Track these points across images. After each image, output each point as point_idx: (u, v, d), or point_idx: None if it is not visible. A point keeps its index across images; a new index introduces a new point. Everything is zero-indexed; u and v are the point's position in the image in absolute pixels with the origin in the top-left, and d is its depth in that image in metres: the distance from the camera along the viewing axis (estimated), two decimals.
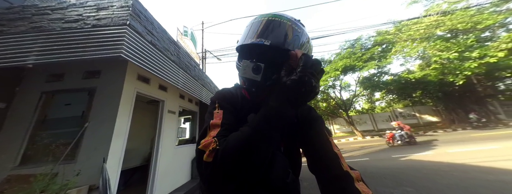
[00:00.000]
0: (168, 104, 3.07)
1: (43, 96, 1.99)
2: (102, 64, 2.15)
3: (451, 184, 2.53)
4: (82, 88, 2.05)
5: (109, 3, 1.98)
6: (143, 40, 1.99)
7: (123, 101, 2.03)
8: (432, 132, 10.07)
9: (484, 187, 2.38)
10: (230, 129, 0.45)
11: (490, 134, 7.02)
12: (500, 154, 3.97)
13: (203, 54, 8.81)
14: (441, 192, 2.31)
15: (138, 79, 2.41)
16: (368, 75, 13.79)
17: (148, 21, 2.28)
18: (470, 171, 3.07)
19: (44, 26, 1.80)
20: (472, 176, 2.81)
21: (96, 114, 1.89)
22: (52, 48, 1.66)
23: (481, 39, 10.13)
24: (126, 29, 1.76)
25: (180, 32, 7.43)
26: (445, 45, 10.08)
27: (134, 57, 1.81)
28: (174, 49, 2.88)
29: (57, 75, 2.13)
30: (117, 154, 1.84)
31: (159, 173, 2.50)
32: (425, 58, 12.22)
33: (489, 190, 2.27)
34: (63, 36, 1.72)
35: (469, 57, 9.01)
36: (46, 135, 1.74)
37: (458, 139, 6.57)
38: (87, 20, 1.85)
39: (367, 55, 12.47)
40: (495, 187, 2.34)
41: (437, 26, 10.21)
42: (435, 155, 4.64)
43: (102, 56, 1.64)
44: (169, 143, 3.00)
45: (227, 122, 0.47)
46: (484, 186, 2.39)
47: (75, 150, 1.68)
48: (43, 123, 1.87)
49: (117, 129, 1.86)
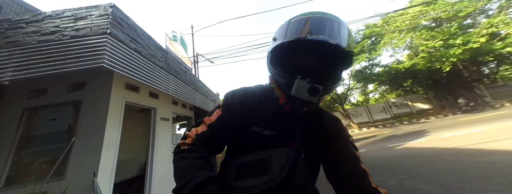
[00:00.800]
0: (161, 111, 3.02)
1: (26, 113, 1.91)
2: (87, 76, 2.09)
3: (443, 169, 2.62)
4: (67, 101, 1.98)
5: (88, 13, 1.92)
6: (126, 48, 1.94)
7: (111, 111, 1.98)
8: (425, 119, 10.40)
9: (473, 169, 2.48)
10: (212, 134, 0.49)
11: (478, 117, 7.33)
12: (487, 135, 4.15)
13: (194, 58, 8.71)
14: (433, 177, 2.39)
15: (126, 88, 2.36)
16: (360, 68, 14.07)
17: (131, 29, 2.23)
18: (460, 155, 3.19)
19: (19, 41, 1.73)
20: (462, 159, 2.92)
21: (84, 127, 1.84)
22: (29, 63, 1.59)
23: (463, 26, 10.53)
24: (107, 38, 1.71)
25: (169, 38, 7.32)
26: (431, 34, 10.43)
27: (118, 67, 1.77)
28: (161, 55, 2.84)
29: (39, 90, 2.05)
30: (109, 167, 1.79)
31: (156, 182, 2.46)
32: (412, 48, 12.58)
33: (478, 171, 2.37)
34: (40, 49, 1.65)
35: (454, 45, 9.35)
36: (31, 153, 1.67)
37: (449, 124, 6.81)
38: (65, 31, 1.79)
39: (358, 49, 12.70)
40: (484, 168, 2.45)
41: (422, 16, 10.52)
42: (428, 141, 4.80)
43: (83, 67, 1.59)
44: (165, 150, 2.96)
45: (214, 127, 0.50)
46: (473, 168, 2.50)
47: (63, 166, 1.62)
48: (27, 141, 1.80)
49: (107, 140, 1.81)
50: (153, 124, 2.82)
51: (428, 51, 10.65)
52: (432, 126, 7.22)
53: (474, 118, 7.31)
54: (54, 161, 1.60)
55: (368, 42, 13.06)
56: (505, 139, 3.59)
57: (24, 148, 1.74)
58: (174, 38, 7.90)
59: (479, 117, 7.37)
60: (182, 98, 3.13)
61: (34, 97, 2.01)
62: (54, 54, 1.63)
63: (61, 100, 2.00)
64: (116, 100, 2.11)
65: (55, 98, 2.01)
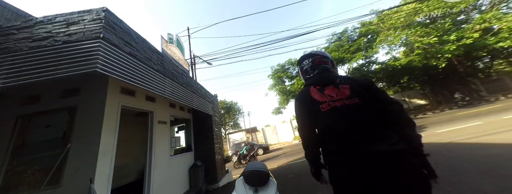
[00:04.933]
0: (158, 114, 3.00)
1: (19, 120, 1.89)
2: (81, 81, 2.07)
3: (439, 163, 2.65)
4: (61, 108, 1.96)
5: (80, 17, 1.90)
6: (120, 52, 1.92)
7: (107, 116, 1.96)
8: (422, 115, 10.51)
9: (469, 162, 2.51)
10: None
11: (474, 111, 7.43)
12: (483, 129, 4.21)
13: (191, 60, 8.68)
14: None
15: (122, 92, 2.34)
16: (357, 66, 14.15)
17: (125, 32, 2.21)
18: (456, 149, 3.23)
19: (10, 47, 1.70)
20: (459, 154, 2.96)
21: (79, 133, 1.82)
22: (21, 70, 1.57)
23: (457, 22, 10.67)
24: (100, 42, 1.69)
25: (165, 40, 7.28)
26: (425, 31, 10.54)
27: (113, 71, 1.75)
28: (157, 58, 2.82)
29: (32, 97, 2.02)
30: (105, 173, 1.77)
31: (154, 187, 2.44)
32: (408, 45, 12.71)
33: (474, 164, 2.41)
34: (32, 55, 1.63)
35: (448, 41, 9.47)
36: (25, 161, 1.65)
37: (445, 119, 6.90)
38: (57, 37, 1.77)
39: (354, 47, 12.77)
40: (480, 161, 2.48)
41: (416, 13, 10.64)
42: (425, 136, 4.84)
43: (76, 73, 1.57)
44: (163, 154, 2.94)
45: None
46: (470, 162, 2.53)
47: (59, 173, 1.60)
48: (21, 149, 1.77)
49: (103, 146, 1.80)
50: (151, 127, 2.80)
51: (424, 48, 10.77)
52: (429, 121, 7.30)
53: (470, 112, 7.41)
54: (49, 169, 1.58)
55: (364, 40, 13.15)
56: (500, 132, 3.65)
57: (18, 156, 1.72)
58: (170, 40, 7.87)
59: (474, 111, 7.47)
60: (179, 100, 3.12)
61: (27, 104, 1.98)
62: (47, 60, 1.61)
63: (55, 106, 1.97)
64: (112, 104, 2.09)
65: (49, 104, 1.99)
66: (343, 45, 12.88)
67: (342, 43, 13.08)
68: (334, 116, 0.77)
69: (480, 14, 9.96)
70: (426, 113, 10.84)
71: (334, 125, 0.77)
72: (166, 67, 2.98)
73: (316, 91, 0.86)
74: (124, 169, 3.27)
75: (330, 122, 0.78)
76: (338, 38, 13.67)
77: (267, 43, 8.19)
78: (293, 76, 14.58)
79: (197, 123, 4.57)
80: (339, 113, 0.77)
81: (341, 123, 0.75)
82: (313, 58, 0.97)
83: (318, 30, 7.50)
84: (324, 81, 0.88)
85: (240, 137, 16.82)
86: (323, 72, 0.93)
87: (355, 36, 13.37)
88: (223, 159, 5.09)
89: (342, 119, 0.76)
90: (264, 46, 8.92)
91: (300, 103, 0.91)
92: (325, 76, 0.91)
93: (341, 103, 0.78)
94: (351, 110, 0.76)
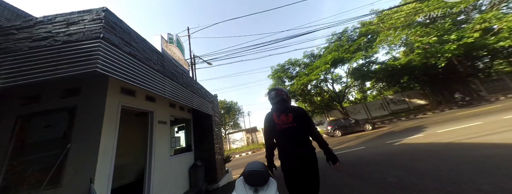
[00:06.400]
0: (158, 114, 3.00)
1: (19, 120, 1.89)
2: (81, 81, 2.07)
3: (439, 164, 2.66)
4: (61, 108, 1.96)
5: (80, 17, 1.90)
6: (120, 52, 1.92)
7: (107, 116, 1.96)
8: (422, 115, 10.51)
9: (469, 162, 2.51)
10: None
11: (474, 111, 7.43)
12: (482, 129, 4.21)
13: (192, 60, 8.68)
14: (430, 172, 2.42)
15: (122, 92, 2.34)
16: (357, 66, 14.15)
17: (125, 32, 2.21)
18: (456, 149, 3.24)
19: (10, 47, 1.70)
20: (458, 154, 2.96)
21: (79, 133, 1.82)
22: (21, 70, 1.57)
23: (457, 22, 10.67)
24: (100, 42, 1.69)
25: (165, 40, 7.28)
26: (425, 30, 10.54)
27: (113, 71, 1.75)
28: (157, 58, 2.82)
29: (32, 97, 2.02)
30: (105, 173, 1.77)
31: (154, 187, 2.44)
32: (408, 44, 12.71)
33: (474, 164, 2.41)
34: (32, 55, 1.63)
35: (448, 40, 9.47)
36: (25, 161, 1.65)
37: (445, 119, 6.90)
38: (57, 37, 1.77)
39: (354, 47, 12.76)
40: (479, 161, 2.48)
41: (416, 13, 10.63)
42: (426, 136, 4.85)
43: (76, 73, 1.57)
44: (163, 154, 2.94)
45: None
46: (469, 162, 2.53)
47: (59, 173, 1.60)
48: (21, 149, 1.77)
49: (103, 146, 1.80)
50: (151, 127, 2.80)
51: (423, 48, 10.77)
52: (429, 121, 7.30)
53: (470, 112, 7.41)
54: (49, 169, 1.58)
55: (364, 40, 13.16)
56: (499, 132, 3.65)
57: (18, 156, 1.72)
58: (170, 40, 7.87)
59: (474, 111, 7.47)
60: (179, 100, 3.12)
61: (27, 104, 1.98)
62: (47, 60, 1.61)
63: (55, 106, 1.97)
64: (112, 104, 2.09)
65: (49, 104, 1.99)
66: (343, 45, 12.88)
67: (342, 43, 13.08)
68: (283, 133, 1.33)
69: (480, 14, 9.96)
70: (426, 113, 10.84)
71: (282, 138, 1.34)
72: (166, 67, 2.98)
73: (276, 116, 1.38)
74: (124, 169, 3.27)
75: (280, 137, 1.35)
76: (338, 38, 13.68)
77: (267, 43, 8.19)
78: (293, 77, 14.60)
79: (197, 123, 4.57)
80: (285, 132, 1.33)
81: (285, 138, 1.32)
82: (276, 91, 1.49)
83: (318, 30, 7.50)
84: (280, 110, 1.40)
85: (240, 137, 16.82)
86: (280, 102, 1.43)
87: (355, 36, 13.37)
88: (223, 159, 5.09)
89: (286, 135, 1.32)
90: (264, 46, 8.92)
91: (267, 121, 1.43)
92: (281, 106, 1.42)
93: (286, 125, 1.33)
94: (291, 130, 1.32)
